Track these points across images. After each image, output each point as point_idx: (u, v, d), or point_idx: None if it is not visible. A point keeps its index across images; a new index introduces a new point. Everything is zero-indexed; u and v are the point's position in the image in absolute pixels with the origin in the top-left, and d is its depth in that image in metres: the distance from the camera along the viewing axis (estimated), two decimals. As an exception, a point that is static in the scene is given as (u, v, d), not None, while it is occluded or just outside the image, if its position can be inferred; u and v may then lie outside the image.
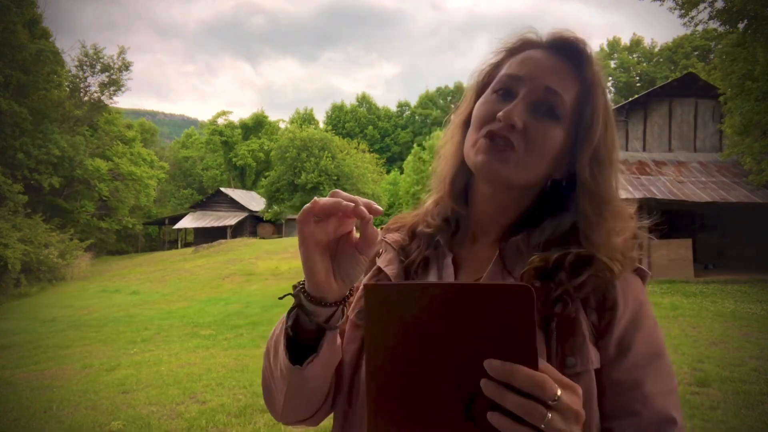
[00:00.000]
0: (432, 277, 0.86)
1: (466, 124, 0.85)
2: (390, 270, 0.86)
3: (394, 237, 0.92)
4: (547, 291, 0.74)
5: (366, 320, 0.56)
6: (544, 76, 0.78)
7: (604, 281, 0.76)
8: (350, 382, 0.81)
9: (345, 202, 0.64)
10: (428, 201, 0.93)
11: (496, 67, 0.85)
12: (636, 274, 0.83)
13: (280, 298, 0.79)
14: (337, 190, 0.67)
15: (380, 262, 0.89)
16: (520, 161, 0.77)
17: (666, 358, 0.79)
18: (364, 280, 0.87)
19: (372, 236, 0.68)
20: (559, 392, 0.51)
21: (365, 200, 0.65)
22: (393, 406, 0.55)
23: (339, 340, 0.78)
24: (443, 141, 0.91)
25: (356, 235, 0.70)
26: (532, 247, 0.80)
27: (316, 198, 0.64)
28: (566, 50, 0.80)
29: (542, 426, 0.50)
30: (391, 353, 0.55)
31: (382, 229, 0.97)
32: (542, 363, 0.52)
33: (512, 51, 0.84)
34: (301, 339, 0.74)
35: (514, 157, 0.76)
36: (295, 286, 0.73)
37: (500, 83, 0.81)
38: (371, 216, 0.66)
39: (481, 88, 0.86)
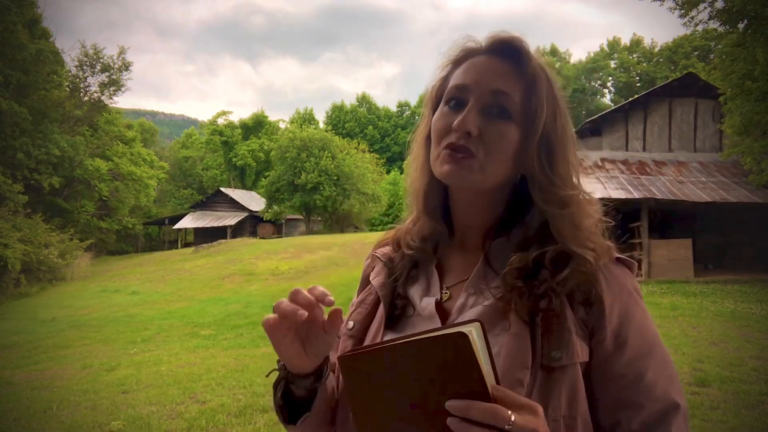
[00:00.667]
0: (420, 285, 0.89)
1: (428, 139, 0.87)
2: (377, 281, 0.91)
3: (383, 250, 0.96)
4: (531, 288, 0.76)
5: (345, 385, 0.64)
6: (489, 80, 0.81)
7: (587, 275, 0.77)
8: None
9: (300, 311, 0.68)
10: (407, 220, 0.96)
11: (445, 80, 0.87)
12: (622, 265, 0.84)
13: (267, 376, 0.85)
14: (296, 289, 0.71)
15: (372, 278, 0.93)
16: (483, 166, 0.79)
17: (661, 345, 0.81)
18: (358, 297, 0.94)
19: (336, 318, 0.73)
20: (513, 417, 0.57)
21: (320, 291, 0.71)
22: None
23: (333, 382, 0.85)
24: (410, 160, 0.93)
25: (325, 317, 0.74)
26: (513, 247, 0.82)
27: (276, 304, 0.70)
28: (506, 51, 0.83)
29: None
30: (372, 407, 0.63)
31: (373, 247, 1.03)
32: (499, 390, 0.60)
33: (456, 62, 0.87)
34: (298, 397, 0.81)
35: (476, 163, 0.79)
36: (278, 361, 0.80)
37: (450, 94, 0.84)
38: (332, 302, 0.72)
39: (435, 104, 0.88)
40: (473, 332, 0.59)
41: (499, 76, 0.81)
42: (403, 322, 0.86)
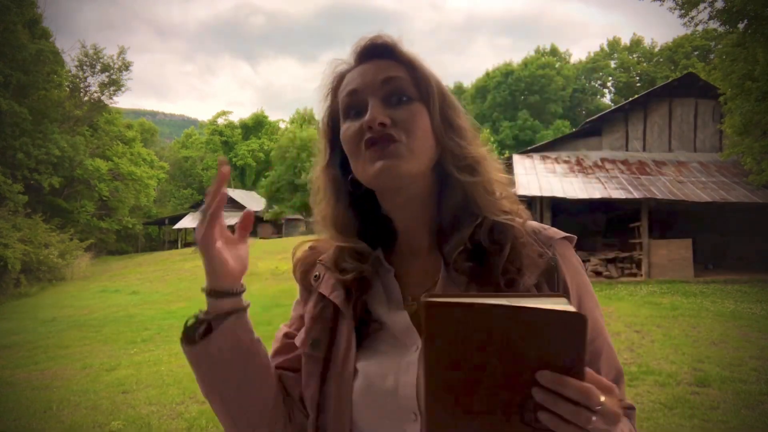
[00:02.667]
0: (380, 297, 0.85)
1: (329, 168, 0.88)
2: (337, 297, 0.85)
3: (329, 260, 0.90)
4: (486, 274, 0.78)
5: (427, 334, 0.58)
6: (375, 74, 0.82)
7: (527, 244, 0.79)
8: (316, 413, 0.82)
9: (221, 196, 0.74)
10: (329, 251, 0.91)
11: (333, 109, 0.88)
12: (567, 241, 0.86)
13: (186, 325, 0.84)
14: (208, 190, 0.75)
15: (323, 289, 0.88)
16: (411, 148, 0.79)
17: (602, 317, 0.85)
18: (309, 308, 0.89)
19: (248, 220, 0.81)
20: (603, 399, 0.56)
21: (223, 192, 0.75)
22: (450, 415, 0.59)
23: (248, 323, 0.84)
24: (313, 191, 0.93)
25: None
26: (448, 231, 0.83)
27: (203, 209, 0.75)
28: (375, 52, 0.84)
29: (588, 427, 0.56)
30: (450, 364, 0.59)
31: (308, 248, 0.99)
32: (590, 372, 0.58)
33: (335, 88, 0.88)
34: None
35: (403, 147, 0.78)
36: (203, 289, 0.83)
37: (344, 105, 0.84)
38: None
39: (330, 134, 0.89)
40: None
41: (382, 69, 0.83)
42: (372, 339, 0.83)
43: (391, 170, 0.78)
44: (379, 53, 0.84)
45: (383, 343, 0.82)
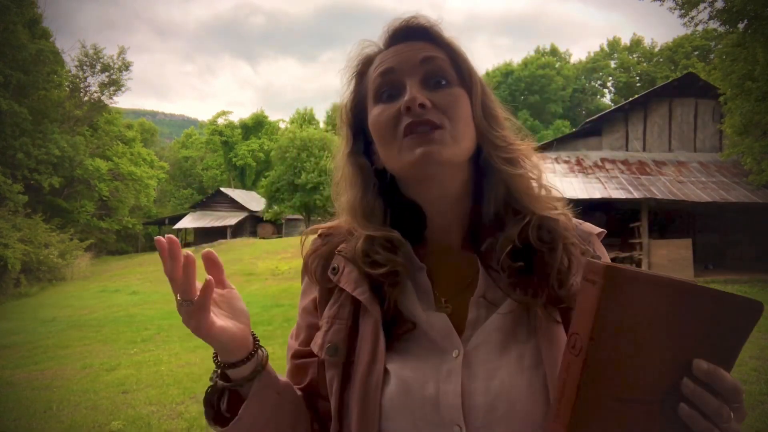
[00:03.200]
0: (408, 295, 0.76)
1: (352, 156, 0.82)
2: (360, 293, 0.76)
3: (350, 249, 0.80)
4: (537, 275, 0.73)
5: (601, 300, 0.55)
6: (412, 54, 0.76)
7: (577, 245, 0.76)
8: (339, 422, 0.75)
9: (208, 280, 0.68)
10: (358, 241, 0.80)
11: (357, 94, 0.82)
12: (597, 238, 0.83)
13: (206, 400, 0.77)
14: (172, 264, 0.67)
15: (344, 283, 0.78)
16: (453, 135, 0.73)
17: None
18: (328, 310, 0.80)
19: (211, 258, 0.72)
20: (743, 395, 0.56)
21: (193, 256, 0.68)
22: (602, 384, 0.57)
23: (272, 377, 0.75)
24: (335, 182, 0.85)
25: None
26: (490, 229, 0.78)
27: (182, 290, 0.68)
28: (408, 34, 0.79)
29: (724, 425, 0.54)
30: (613, 335, 0.56)
31: (318, 237, 0.87)
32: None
33: (361, 72, 0.82)
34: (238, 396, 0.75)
35: (446, 134, 0.73)
36: (211, 379, 0.74)
37: (376, 87, 0.77)
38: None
39: (353, 121, 0.83)
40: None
41: (420, 49, 0.77)
42: (404, 341, 0.74)
43: (433, 157, 0.71)
44: (414, 35, 0.78)
45: (418, 347, 0.74)
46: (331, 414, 0.77)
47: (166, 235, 0.66)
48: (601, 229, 0.84)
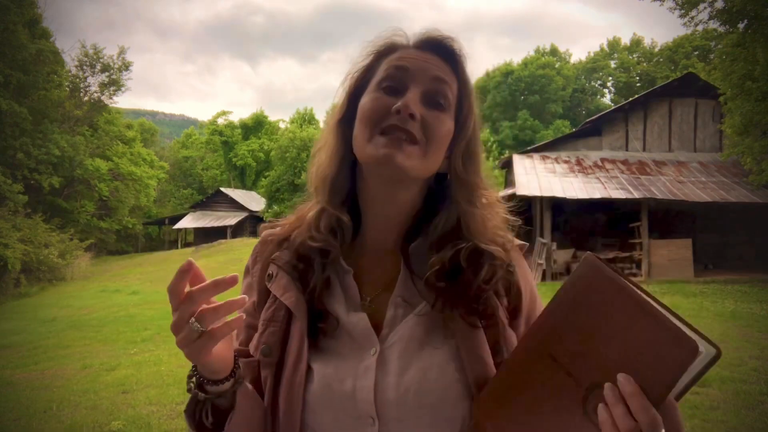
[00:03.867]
0: (338, 296, 0.81)
1: (342, 124, 0.83)
2: (289, 299, 0.80)
3: (284, 257, 0.85)
4: (457, 290, 0.77)
5: (572, 279, 0.62)
6: (429, 68, 0.79)
7: (503, 268, 0.80)
8: (272, 418, 0.79)
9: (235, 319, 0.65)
10: (308, 212, 0.86)
11: (368, 70, 0.84)
12: (518, 249, 0.88)
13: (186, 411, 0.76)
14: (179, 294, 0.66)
15: (275, 290, 0.82)
16: (425, 153, 0.77)
17: None
18: (264, 313, 0.83)
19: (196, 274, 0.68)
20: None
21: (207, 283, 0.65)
22: (536, 360, 0.65)
23: (250, 391, 0.78)
24: (317, 147, 0.89)
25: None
26: (428, 247, 0.81)
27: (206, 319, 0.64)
28: (438, 48, 0.82)
29: None
30: (573, 313, 0.63)
31: (258, 247, 0.92)
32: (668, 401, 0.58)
33: (380, 54, 0.84)
34: (218, 410, 0.74)
35: (417, 149, 0.76)
36: (189, 389, 0.72)
37: (386, 76, 0.80)
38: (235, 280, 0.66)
39: (355, 90, 0.84)
40: (702, 353, 0.57)
41: (438, 66, 0.80)
42: (329, 340, 0.79)
43: (394, 161, 0.74)
44: (441, 52, 0.82)
45: (341, 345, 0.79)
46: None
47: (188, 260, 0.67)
48: (521, 242, 0.88)
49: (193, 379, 0.72)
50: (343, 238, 0.84)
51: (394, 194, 0.82)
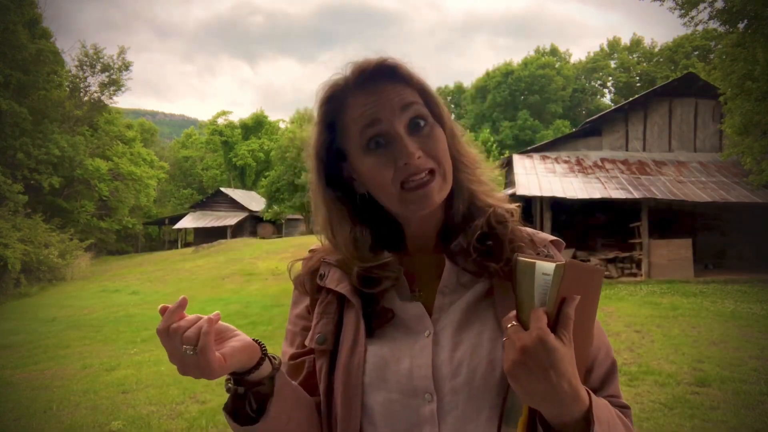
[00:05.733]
0: (390, 291, 0.86)
1: (327, 192, 0.88)
2: (343, 288, 0.86)
3: (334, 257, 0.90)
4: (496, 247, 0.85)
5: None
6: (390, 100, 0.81)
7: (518, 230, 0.88)
8: (327, 403, 0.84)
9: (204, 323, 0.71)
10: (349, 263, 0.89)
11: (326, 138, 0.87)
12: (554, 246, 0.93)
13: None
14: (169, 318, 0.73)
15: (328, 283, 0.88)
16: (445, 176, 0.83)
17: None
18: (317, 308, 0.88)
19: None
20: (510, 325, 0.69)
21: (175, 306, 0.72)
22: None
23: (287, 380, 0.82)
24: (321, 225, 0.91)
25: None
26: (455, 229, 0.88)
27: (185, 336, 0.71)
28: (379, 75, 0.82)
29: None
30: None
31: (302, 269, 0.96)
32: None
33: (326, 116, 0.87)
34: (258, 397, 0.79)
35: (439, 178, 0.81)
36: (228, 389, 0.77)
37: (366, 137, 0.81)
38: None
39: (325, 161, 0.87)
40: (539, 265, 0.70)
41: (397, 93, 0.82)
42: (381, 330, 0.84)
43: (432, 201, 0.81)
44: (385, 76, 0.83)
45: (396, 331, 0.84)
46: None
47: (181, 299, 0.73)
48: (556, 238, 0.94)
49: (231, 380, 0.77)
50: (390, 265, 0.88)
51: (428, 216, 0.87)
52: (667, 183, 14.75)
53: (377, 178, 0.82)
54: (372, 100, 0.81)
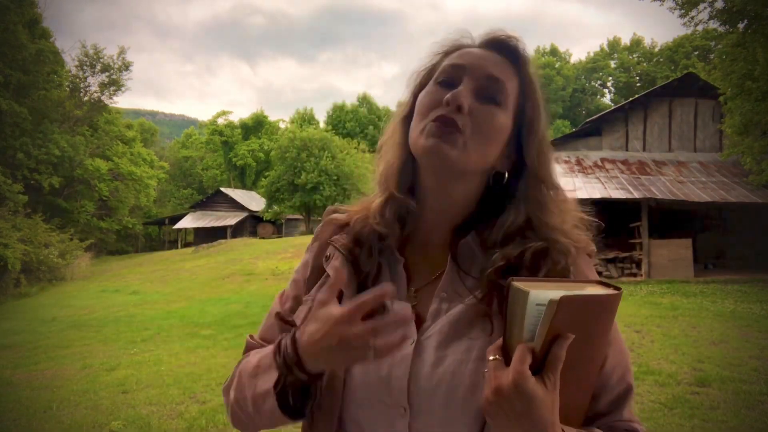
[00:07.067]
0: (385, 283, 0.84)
1: (407, 120, 0.86)
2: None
3: (342, 240, 0.89)
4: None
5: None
6: (486, 65, 0.81)
7: (562, 269, 0.78)
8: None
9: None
10: (374, 202, 0.89)
11: (433, 68, 0.86)
12: (586, 255, 0.86)
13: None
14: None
15: (329, 269, 0.87)
16: (467, 143, 0.78)
17: (618, 334, 0.82)
18: (314, 290, 0.88)
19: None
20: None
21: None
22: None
23: None
24: (383, 139, 0.91)
25: None
26: (488, 245, 0.81)
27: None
28: (501, 47, 0.84)
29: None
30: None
31: (320, 228, 0.96)
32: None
33: (446, 53, 0.86)
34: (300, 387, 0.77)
35: (461, 139, 0.77)
36: (285, 371, 0.73)
37: (443, 73, 0.83)
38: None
39: (419, 89, 0.87)
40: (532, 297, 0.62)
41: (495, 64, 0.82)
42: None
43: (437, 153, 0.77)
44: (505, 50, 0.84)
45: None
46: None
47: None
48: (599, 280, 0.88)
49: (292, 364, 0.72)
50: (404, 227, 0.87)
51: (446, 187, 0.83)
52: (667, 183, 14.75)
53: (423, 103, 0.82)
54: (475, 54, 0.83)
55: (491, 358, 0.64)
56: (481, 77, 0.80)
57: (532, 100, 0.83)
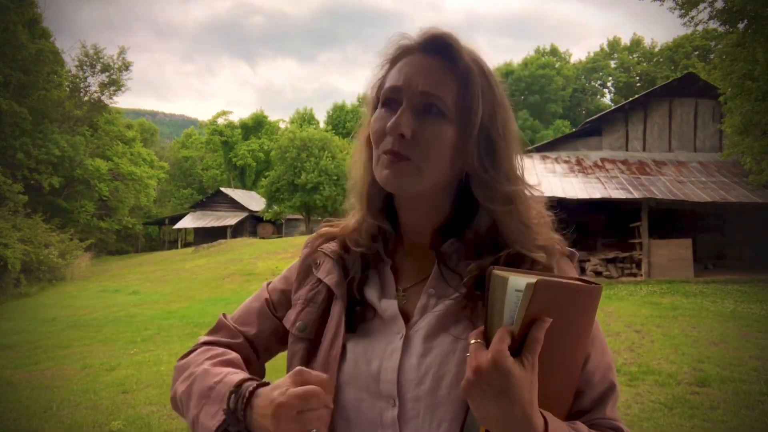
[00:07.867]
0: (375, 287, 0.87)
1: (370, 140, 0.86)
2: (331, 280, 0.88)
3: (331, 247, 0.92)
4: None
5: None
6: (419, 81, 0.80)
7: (542, 270, 0.78)
8: None
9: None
10: (351, 218, 0.93)
11: (383, 79, 0.86)
12: (567, 258, 0.87)
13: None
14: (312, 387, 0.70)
15: (319, 274, 0.90)
16: (420, 167, 0.79)
17: (600, 334, 0.83)
18: (302, 293, 0.91)
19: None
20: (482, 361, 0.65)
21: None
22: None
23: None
24: (352, 161, 0.93)
25: None
26: (465, 246, 0.84)
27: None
28: (437, 48, 0.81)
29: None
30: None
31: (311, 237, 1.00)
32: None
33: (393, 60, 0.85)
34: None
35: (412, 166, 0.78)
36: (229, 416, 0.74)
37: (384, 96, 0.83)
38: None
39: (375, 104, 0.87)
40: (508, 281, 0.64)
41: (430, 76, 0.80)
42: (364, 326, 0.84)
43: (394, 184, 0.80)
44: (441, 51, 0.81)
45: (373, 329, 0.84)
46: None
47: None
48: (571, 250, 0.88)
49: (240, 418, 0.73)
50: (386, 241, 0.90)
51: (416, 202, 0.86)
52: (667, 183, 14.75)
53: (373, 132, 0.82)
54: (412, 67, 0.81)
55: (473, 341, 0.67)
56: (416, 95, 0.79)
57: (469, 95, 0.79)
